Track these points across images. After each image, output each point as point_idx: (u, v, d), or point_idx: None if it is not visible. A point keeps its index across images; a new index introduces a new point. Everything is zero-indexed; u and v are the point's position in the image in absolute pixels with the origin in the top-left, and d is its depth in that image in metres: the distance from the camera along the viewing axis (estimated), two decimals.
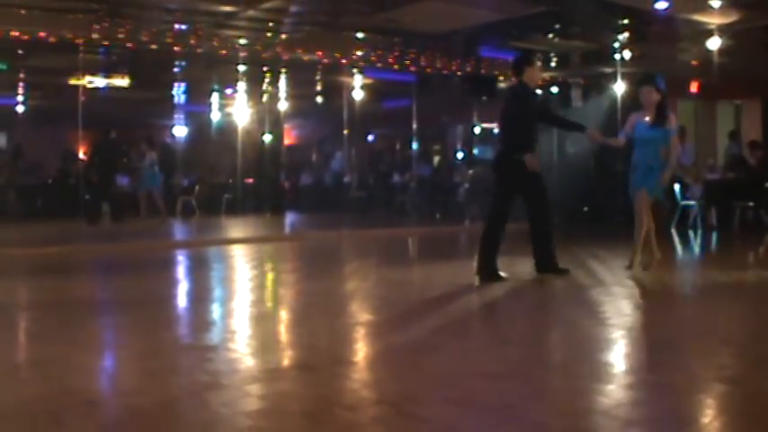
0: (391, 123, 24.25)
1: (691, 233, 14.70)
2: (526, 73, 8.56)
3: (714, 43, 14.38)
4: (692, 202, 15.23)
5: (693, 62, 16.53)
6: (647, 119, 8.58)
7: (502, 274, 8.25)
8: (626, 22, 14.28)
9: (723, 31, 14.05)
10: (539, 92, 9.37)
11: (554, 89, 18.58)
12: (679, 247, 13.03)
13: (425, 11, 13.53)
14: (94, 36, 14.15)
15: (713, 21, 13.61)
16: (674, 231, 14.78)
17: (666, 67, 16.94)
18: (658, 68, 16.94)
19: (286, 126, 25.27)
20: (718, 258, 12.12)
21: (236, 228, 17.76)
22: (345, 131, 22.84)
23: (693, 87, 18.61)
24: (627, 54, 15.75)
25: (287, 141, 26.15)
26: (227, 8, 13.65)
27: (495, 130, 22.61)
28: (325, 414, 3.76)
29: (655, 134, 8.52)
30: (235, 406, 3.89)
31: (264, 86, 21.22)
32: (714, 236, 14.51)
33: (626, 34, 14.80)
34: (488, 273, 8.21)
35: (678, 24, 14.01)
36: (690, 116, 19.59)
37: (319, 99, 22.87)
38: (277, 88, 21.56)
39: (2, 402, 3.99)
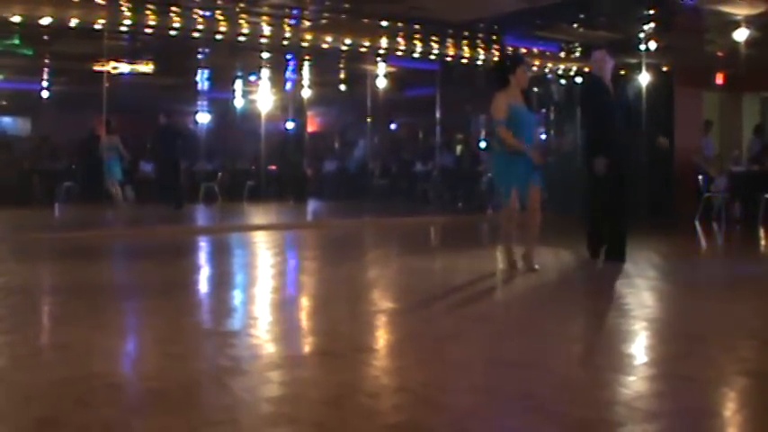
0: (414, 112, 24.18)
1: (715, 225, 14.60)
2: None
3: (741, 34, 14.24)
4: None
5: (719, 53, 16.38)
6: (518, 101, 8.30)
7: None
8: (651, 12, 14.14)
9: (750, 22, 13.89)
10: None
11: (578, 79, 18.46)
12: (703, 240, 12.96)
13: None
14: (119, 21, 14.20)
15: (740, 12, 13.46)
16: (697, 223, 14.70)
17: (692, 58, 16.83)
18: (684, 59, 16.89)
19: (309, 113, 25.27)
20: (742, 251, 12.02)
21: (259, 214, 17.80)
22: (368, 119, 22.83)
23: (719, 79, 18.45)
24: (652, 45, 15.61)
25: (310, 129, 26.15)
26: None
27: None
28: (346, 401, 3.77)
29: (532, 117, 8.50)
30: (256, 392, 3.91)
31: (288, 73, 21.20)
32: (738, 228, 14.41)
33: (651, 25, 14.66)
34: (592, 251, 8.83)
35: (704, 15, 13.88)
36: (715, 108, 19.43)
37: (342, 87, 22.86)
38: (300, 75, 21.56)
39: (26, 385, 4.04)
